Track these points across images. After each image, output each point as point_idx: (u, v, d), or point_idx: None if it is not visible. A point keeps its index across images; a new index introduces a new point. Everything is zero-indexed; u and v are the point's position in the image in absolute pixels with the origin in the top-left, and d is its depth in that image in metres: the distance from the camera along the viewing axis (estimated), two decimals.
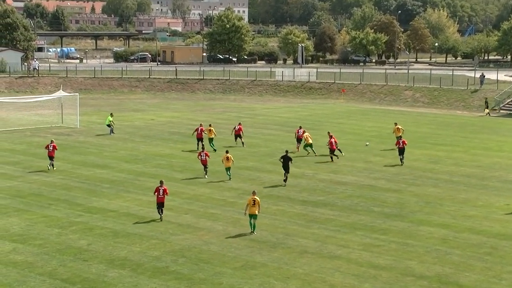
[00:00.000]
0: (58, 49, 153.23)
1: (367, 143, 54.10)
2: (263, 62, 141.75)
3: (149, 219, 32.98)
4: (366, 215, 34.40)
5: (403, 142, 47.31)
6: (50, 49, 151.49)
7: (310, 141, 49.80)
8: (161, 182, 33.41)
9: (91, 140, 54.90)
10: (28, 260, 27.14)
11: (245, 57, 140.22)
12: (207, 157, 42.01)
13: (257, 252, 28.55)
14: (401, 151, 47.14)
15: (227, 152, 41.88)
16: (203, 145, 49.06)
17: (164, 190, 32.95)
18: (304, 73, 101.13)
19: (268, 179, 42.31)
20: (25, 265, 26.60)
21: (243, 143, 52.66)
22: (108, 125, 57.84)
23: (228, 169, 41.61)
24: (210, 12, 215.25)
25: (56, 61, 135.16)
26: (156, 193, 33.03)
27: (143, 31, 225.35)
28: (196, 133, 50.77)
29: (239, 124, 54.24)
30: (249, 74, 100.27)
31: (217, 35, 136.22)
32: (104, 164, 45.71)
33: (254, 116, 69.88)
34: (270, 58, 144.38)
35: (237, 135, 53.07)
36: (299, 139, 50.98)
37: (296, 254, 28.34)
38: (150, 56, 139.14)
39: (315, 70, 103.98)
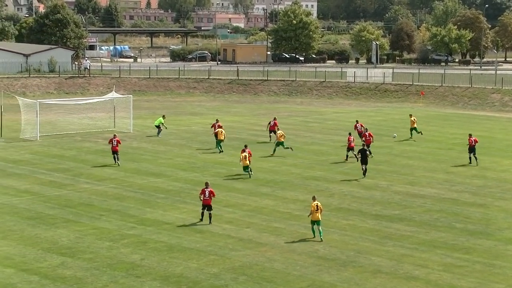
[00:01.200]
0: (111, 47, 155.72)
1: (395, 135, 56.97)
2: (333, 61, 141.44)
3: (207, 233, 33.21)
4: (447, 231, 33.96)
5: (475, 140, 49.08)
6: (102, 47, 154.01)
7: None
8: (207, 184, 35.22)
9: (145, 146, 55.60)
10: (77, 275, 27.62)
11: (313, 56, 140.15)
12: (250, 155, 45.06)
13: (325, 271, 28.46)
14: (472, 149, 48.95)
15: (246, 146, 45.52)
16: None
17: (210, 192, 34.72)
18: (379, 73, 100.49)
19: (337, 190, 42.15)
20: (74, 280, 27.08)
21: (270, 137, 56.27)
22: (157, 126, 58.76)
23: (246, 167, 44.77)
24: (275, 6, 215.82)
25: (109, 60, 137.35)
26: (201, 195, 34.83)
27: (202, 28, 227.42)
28: (214, 130, 54.50)
29: (274, 119, 57.40)
30: (318, 75, 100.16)
31: (282, 32, 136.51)
32: (159, 172, 46.24)
33: (323, 121, 69.74)
34: (341, 57, 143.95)
35: (272, 130, 55.96)
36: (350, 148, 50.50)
37: (368, 274, 28.15)
38: (210, 54, 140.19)
39: (390, 70, 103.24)
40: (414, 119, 60.62)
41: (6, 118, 59.89)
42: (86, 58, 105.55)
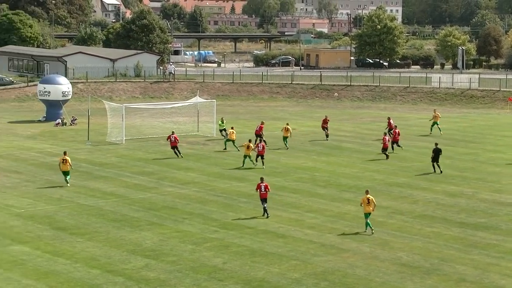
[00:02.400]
0: (195, 52, 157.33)
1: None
2: (418, 67, 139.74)
3: (289, 238, 33.22)
4: None
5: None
6: (187, 52, 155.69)
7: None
8: (262, 179, 37.20)
9: (228, 150, 55.91)
10: (161, 277, 27.99)
11: (398, 61, 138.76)
12: (264, 148, 49.20)
13: (408, 278, 28.14)
14: None
15: (250, 141, 48.99)
16: (260, 139, 54.76)
17: (266, 186, 36.55)
18: (465, 79, 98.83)
19: (421, 197, 41.62)
20: (157, 282, 27.44)
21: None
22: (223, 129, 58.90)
23: (247, 156, 48.65)
24: (360, 11, 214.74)
25: (193, 65, 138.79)
26: (257, 190, 36.67)
27: (286, 33, 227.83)
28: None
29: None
30: (402, 80, 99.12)
31: (366, 37, 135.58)
32: (241, 177, 46.48)
33: (407, 127, 68.95)
34: (426, 62, 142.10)
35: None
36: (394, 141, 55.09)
37: (452, 283, 27.71)
38: (293, 59, 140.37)
39: (477, 76, 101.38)
40: (438, 114, 65.41)
41: (93, 122, 61.16)
42: (171, 63, 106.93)
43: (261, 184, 36.70)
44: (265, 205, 36.68)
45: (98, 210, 37.75)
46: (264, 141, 54.32)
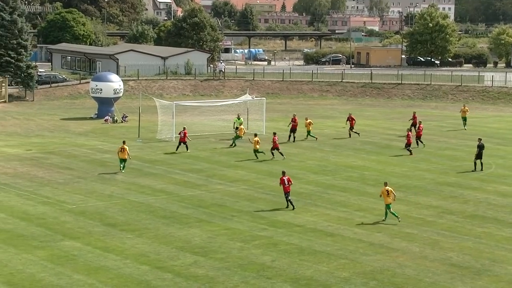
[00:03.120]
0: (246, 50, 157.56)
1: None
2: (470, 65, 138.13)
3: (338, 236, 33.10)
4: None
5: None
6: (237, 50, 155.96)
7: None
8: (284, 173, 38.16)
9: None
10: (209, 274, 28.09)
11: (450, 59, 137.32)
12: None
13: (459, 278, 27.84)
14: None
15: (256, 135, 51.00)
16: (294, 137, 58.75)
17: (288, 180, 37.60)
18: None
19: (472, 197, 41.13)
20: (206, 279, 27.55)
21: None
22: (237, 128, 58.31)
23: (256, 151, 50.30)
24: (411, 9, 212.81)
25: (243, 63, 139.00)
26: (281, 184, 37.68)
27: (337, 31, 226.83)
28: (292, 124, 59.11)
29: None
30: (454, 79, 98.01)
31: (418, 35, 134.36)
32: (290, 175, 46.00)
33: (458, 126, 68.19)
34: (479, 61, 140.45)
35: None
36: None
37: (504, 284, 27.34)
38: (344, 58, 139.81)
39: None
40: (466, 109, 67.94)
41: (143, 119, 61.62)
42: (222, 61, 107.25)
43: (283, 178, 37.66)
44: (289, 198, 37.76)
45: (147, 206, 38.05)
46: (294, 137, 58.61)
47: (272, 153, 51.43)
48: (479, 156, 47.65)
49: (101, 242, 31.76)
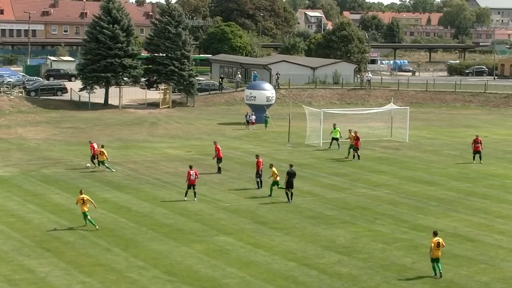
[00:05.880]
0: (391, 62, 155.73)
1: None
2: None
3: (478, 242, 32.11)
4: None
5: None
6: (383, 62, 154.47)
7: None
8: (190, 167, 39.09)
9: (420, 155, 54.92)
10: (352, 273, 27.90)
11: None
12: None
13: None
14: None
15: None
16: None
17: (195, 173, 38.55)
18: None
19: None
20: (349, 277, 27.38)
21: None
22: (336, 139, 56.45)
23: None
24: None
25: (388, 73, 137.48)
26: (188, 177, 38.39)
27: (481, 43, 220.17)
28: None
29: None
30: None
31: None
32: (432, 181, 45.47)
33: None
34: None
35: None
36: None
37: None
38: (486, 69, 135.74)
39: None
40: None
41: (293, 125, 61.98)
42: (368, 72, 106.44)
43: (190, 171, 38.42)
44: (194, 190, 38.67)
45: (295, 207, 38.22)
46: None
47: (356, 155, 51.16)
48: None
49: (252, 239, 32.18)
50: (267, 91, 72.38)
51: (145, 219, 35.25)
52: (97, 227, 33.09)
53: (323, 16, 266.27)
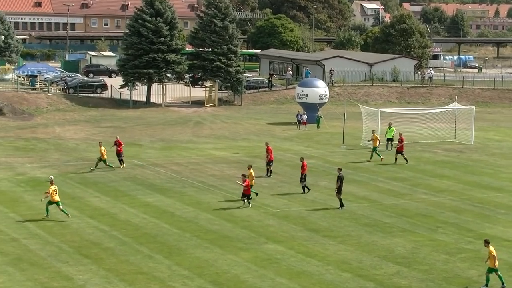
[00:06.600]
0: (455, 57, 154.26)
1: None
2: None
3: None
4: None
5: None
6: (446, 57, 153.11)
7: None
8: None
9: (487, 159, 54.32)
10: (412, 285, 27.73)
11: None
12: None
13: None
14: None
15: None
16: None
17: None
18: None
19: None
20: None
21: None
22: (391, 139, 55.92)
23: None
24: None
25: (452, 70, 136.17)
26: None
27: None
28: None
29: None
30: None
31: None
32: (500, 187, 44.94)
33: None
34: None
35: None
36: None
37: None
38: None
39: None
40: None
41: (348, 126, 61.78)
42: (430, 68, 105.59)
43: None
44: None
45: (350, 213, 38.10)
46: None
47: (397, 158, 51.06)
48: None
49: (304, 247, 32.17)
50: (320, 89, 72.34)
51: (189, 225, 35.51)
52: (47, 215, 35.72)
53: (381, 8, 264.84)
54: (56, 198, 35.98)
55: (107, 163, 47.18)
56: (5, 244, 31.99)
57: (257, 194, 40.69)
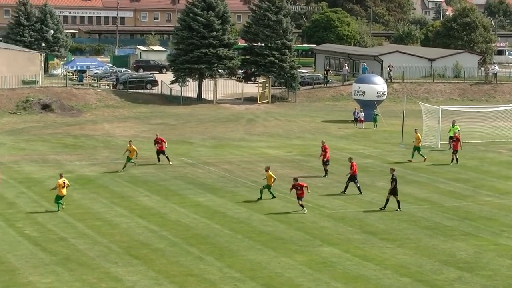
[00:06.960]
0: None
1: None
2: None
3: None
4: None
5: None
6: None
7: None
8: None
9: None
10: None
11: None
12: None
13: None
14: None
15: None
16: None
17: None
18: None
19: None
20: None
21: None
22: (452, 137, 54.24)
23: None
24: None
25: None
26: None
27: None
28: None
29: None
30: None
31: None
32: None
33: None
34: None
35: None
36: None
37: None
38: None
39: None
40: None
41: (407, 124, 61.22)
42: (494, 64, 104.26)
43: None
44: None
45: (409, 216, 37.79)
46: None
47: None
48: None
49: (360, 250, 32.01)
50: (378, 85, 71.94)
51: (241, 226, 35.57)
52: (63, 206, 37.15)
53: (443, 0, 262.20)
54: (64, 192, 37.03)
55: (131, 161, 47.58)
56: (53, 243, 32.44)
57: (273, 197, 40.37)
